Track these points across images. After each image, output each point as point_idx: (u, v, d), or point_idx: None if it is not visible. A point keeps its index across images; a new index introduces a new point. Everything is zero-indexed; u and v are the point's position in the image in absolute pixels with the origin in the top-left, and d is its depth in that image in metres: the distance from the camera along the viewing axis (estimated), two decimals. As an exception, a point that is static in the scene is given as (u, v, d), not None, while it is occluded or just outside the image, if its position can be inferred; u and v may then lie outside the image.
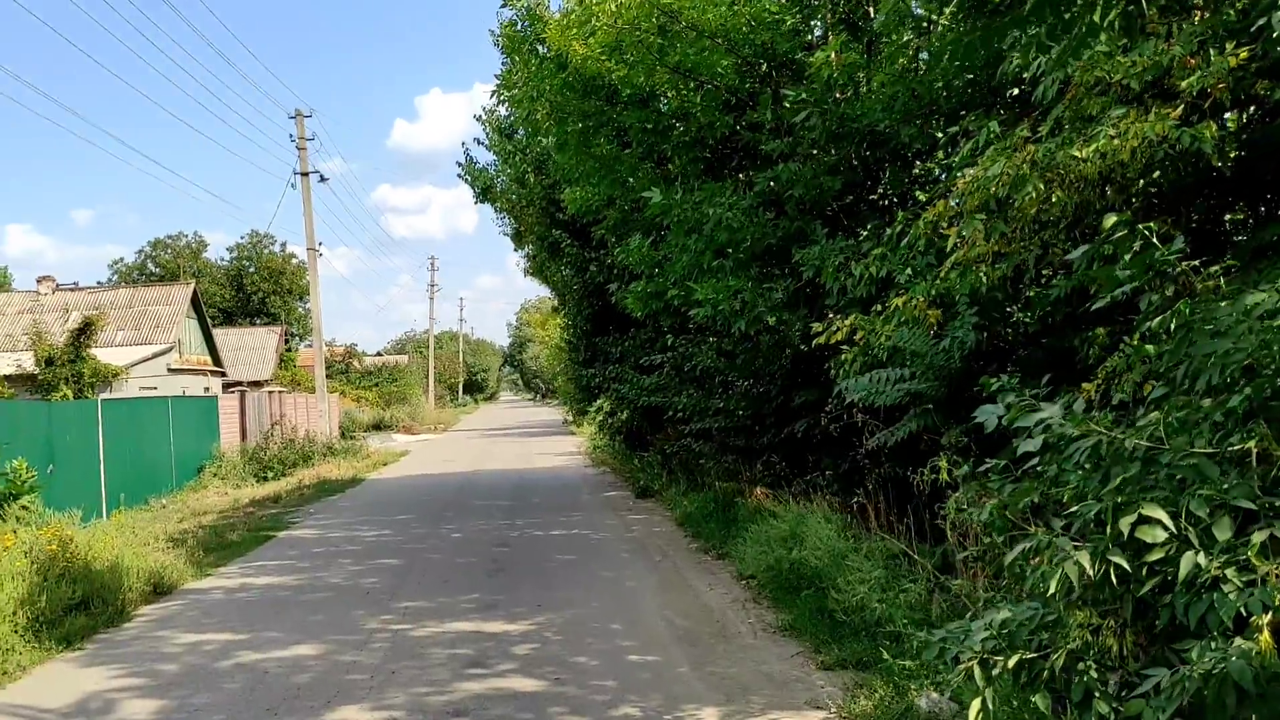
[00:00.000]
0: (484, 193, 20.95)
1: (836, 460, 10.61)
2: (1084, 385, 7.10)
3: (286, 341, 61.38)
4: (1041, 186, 6.54)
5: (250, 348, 58.26)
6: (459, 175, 21.75)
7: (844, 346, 9.57)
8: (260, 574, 12.40)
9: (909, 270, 9.05)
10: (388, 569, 12.32)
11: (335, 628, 9.28)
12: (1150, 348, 6.46)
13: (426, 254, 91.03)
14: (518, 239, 25.25)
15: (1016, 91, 9.17)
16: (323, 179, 35.11)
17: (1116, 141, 6.15)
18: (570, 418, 49.77)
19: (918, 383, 7.78)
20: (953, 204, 7.22)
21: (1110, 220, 5.23)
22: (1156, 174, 6.72)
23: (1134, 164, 6.38)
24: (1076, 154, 6.38)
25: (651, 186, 10.88)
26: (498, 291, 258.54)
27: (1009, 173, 6.61)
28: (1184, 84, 6.57)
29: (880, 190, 11.22)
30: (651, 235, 13.64)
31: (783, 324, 10.26)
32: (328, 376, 66.59)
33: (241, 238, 73.96)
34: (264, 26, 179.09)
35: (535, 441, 39.19)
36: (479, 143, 19.46)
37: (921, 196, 12.20)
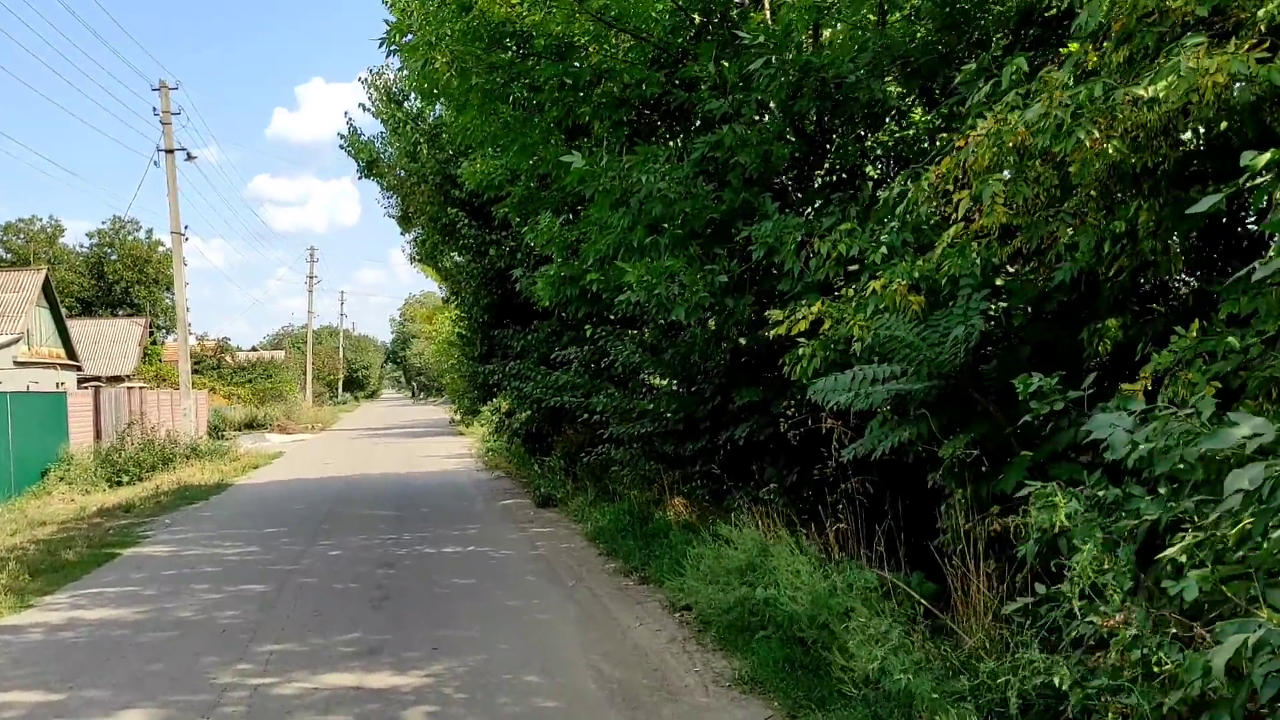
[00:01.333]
0: (369, 167, 18.84)
1: (783, 471, 9.19)
2: (1123, 386, 5.83)
3: (151, 334, 57.41)
4: (1096, 133, 5.18)
5: (111, 340, 54.27)
6: (340, 146, 19.69)
7: (801, 340, 8.18)
8: (95, 605, 10.34)
9: (882, 249, 7.68)
10: (251, 598, 10.41)
11: (178, 683, 7.41)
12: (1233, 339, 5.20)
13: (306, 247, 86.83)
14: (405, 221, 23.19)
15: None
16: (190, 157, 32.17)
17: (1197, 77, 4.81)
18: (458, 417, 47.60)
19: (909, 381, 6.37)
20: (970, 153, 5.82)
21: (1260, 158, 3.90)
22: (1224, 124, 5.45)
23: (1202, 108, 5.08)
24: (1141, 93, 5.04)
25: (571, 151, 9.25)
26: (380, 286, 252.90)
27: (1056, 115, 5.23)
28: (1260, 13, 5.32)
29: (833, 161, 9.85)
30: (564, 214, 12.06)
31: (727, 312, 8.77)
32: (197, 372, 62.99)
33: (103, 223, 69.36)
34: (134, 5, 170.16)
35: (421, 442, 37.02)
36: (364, 109, 17.44)
37: (872, 173, 10.94)
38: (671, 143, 10.32)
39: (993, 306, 6.62)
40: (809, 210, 9.52)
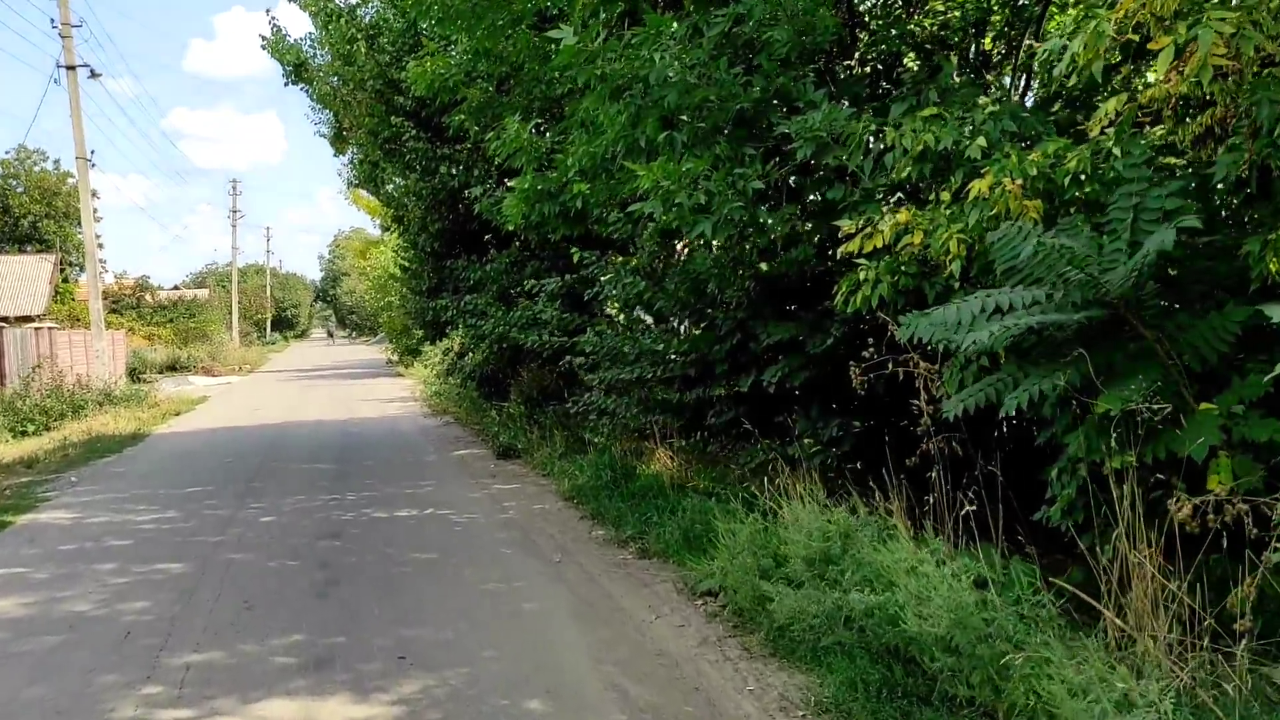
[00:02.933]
0: (296, 72, 16.48)
1: (838, 427, 7.50)
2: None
3: (63, 271, 53.88)
4: None
5: (18, 278, 50.66)
6: (261, 47, 17.18)
7: (862, 262, 6.46)
8: (-33, 595, 8.39)
9: (979, 141, 5.95)
10: (166, 582, 8.51)
11: (63, 717, 5.58)
12: None
13: (229, 181, 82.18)
14: (339, 141, 20.79)
15: None
16: (94, 74, 29.10)
17: None
18: (396, 358, 45.32)
19: (1057, 310, 4.69)
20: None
21: None
22: None
23: None
24: None
25: (559, 25, 7.32)
26: (308, 225, 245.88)
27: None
28: None
29: (866, 50, 8.09)
30: (533, 120, 10.12)
31: (759, 228, 6.99)
32: (115, 311, 59.47)
33: (6, 153, 64.61)
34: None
35: (358, 385, 34.82)
36: (291, -1, 14.98)
37: (912, 63, 9.15)
38: (676, 25, 8.41)
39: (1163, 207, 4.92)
40: (845, 103, 7.75)
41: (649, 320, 9.33)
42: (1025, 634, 4.21)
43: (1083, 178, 5.43)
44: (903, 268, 6.21)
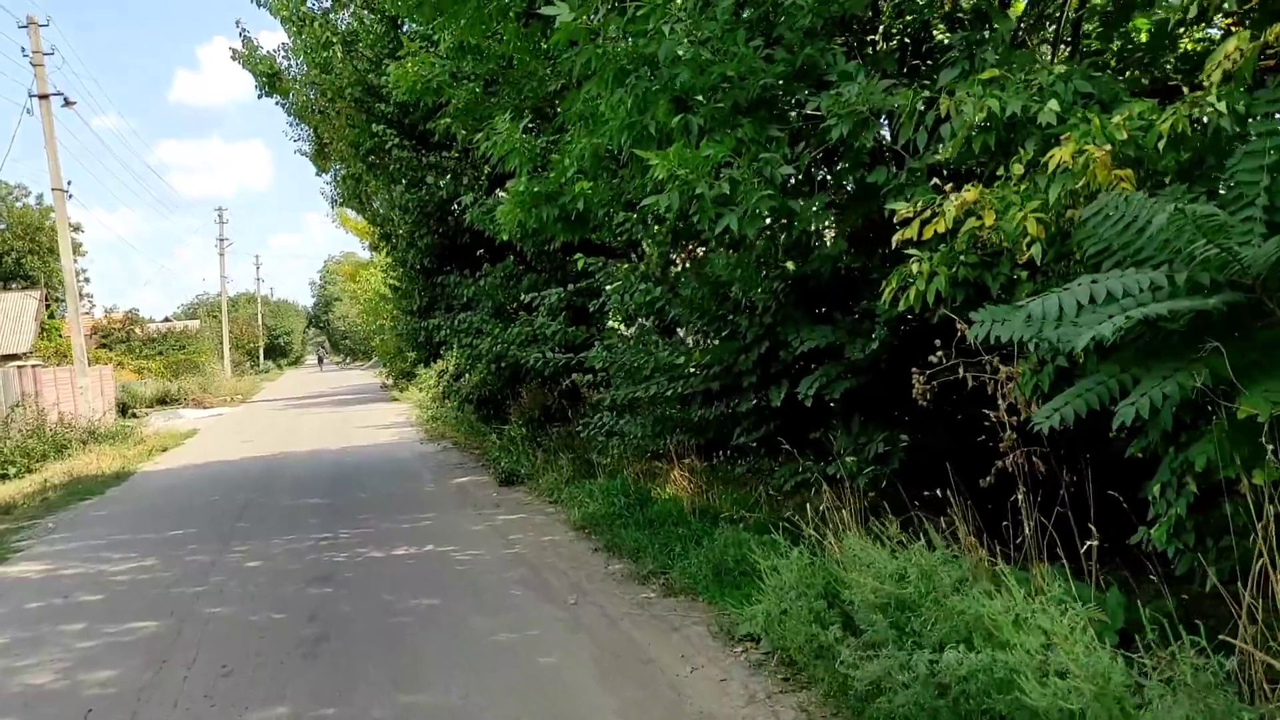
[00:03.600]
0: (270, 83, 15.60)
1: (872, 439, 6.64)
2: None
3: (49, 307, 52.95)
4: None
5: (2, 315, 49.80)
6: (233, 58, 16.29)
7: (913, 252, 5.61)
8: (-83, 667, 7.49)
9: (1051, 104, 5.12)
10: (137, 645, 7.62)
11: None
12: None
13: (223, 219, 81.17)
14: (321, 157, 19.90)
15: None
16: (68, 102, 28.32)
17: None
18: (390, 381, 44.38)
19: (1192, 296, 3.84)
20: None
21: None
22: None
23: None
24: None
25: (553, 2, 6.49)
26: (297, 250, 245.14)
27: None
28: None
29: (890, 22, 7.27)
30: (524, 118, 9.30)
31: (792, 219, 6.14)
32: (106, 346, 58.58)
33: (-12, 190, 63.66)
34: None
35: (352, 412, 33.89)
36: (259, 4, 14.21)
37: (943, 37, 8.33)
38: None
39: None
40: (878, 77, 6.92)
41: (654, 333, 8.51)
42: (1189, 710, 3.32)
43: (1180, 141, 4.60)
44: (961, 257, 5.37)
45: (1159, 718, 3.30)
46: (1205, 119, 4.58)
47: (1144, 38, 6.45)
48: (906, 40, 7.89)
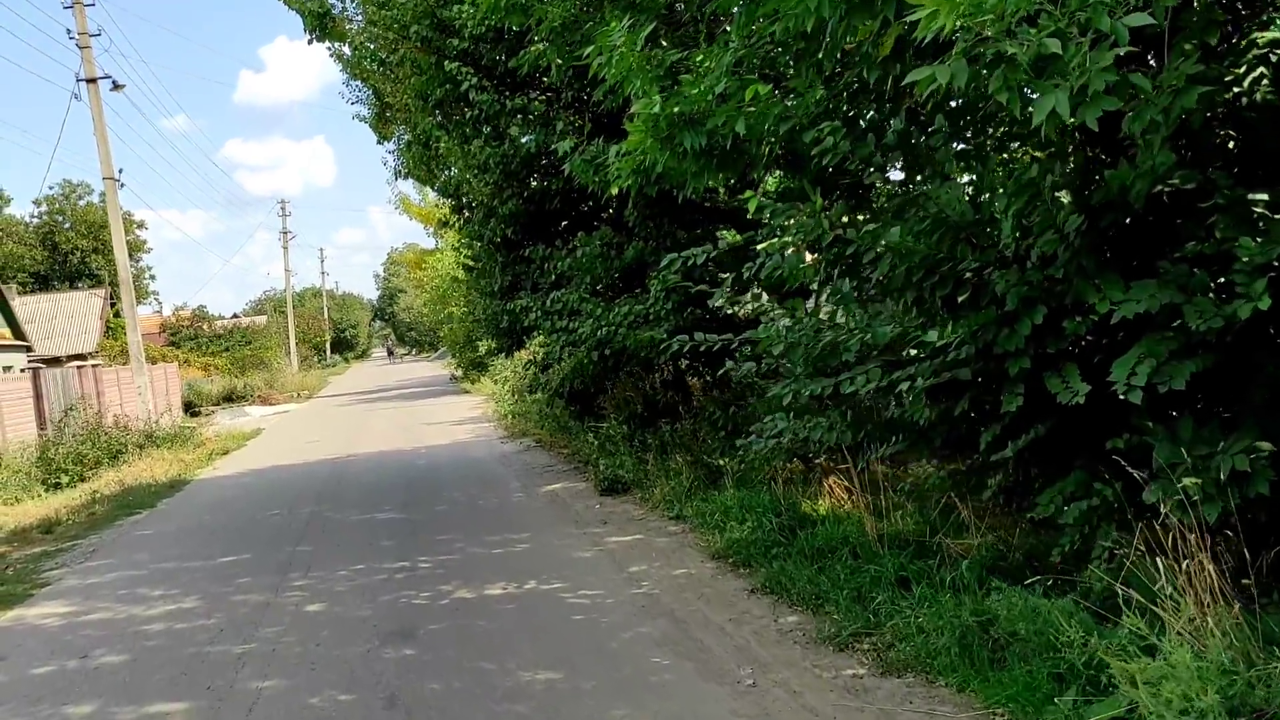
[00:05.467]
0: (319, 24, 13.46)
1: (1228, 450, 4.30)
2: None
3: (114, 305, 52.13)
4: None
5: (69, 315, 49.10)
6: None
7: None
8: None
9: None
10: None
11: None
12: None
13: (286, 213, 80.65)
14: (382, 123, 17.86)
15: None
16: (116, 86, 26.83)
17: None
18: (459, 373, 42.57)
19: None
20: None
21: None
22: None
23: None
24: None
25: None
26: (361, 245, 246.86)
27: None
28: None
29: None
30: (647, 26, 7.07)
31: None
32: (174, 344, 57.85)
33: (51, 188, 63.33)
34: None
35: (421, 406, 32.04)
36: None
37: None
38: None
39: None
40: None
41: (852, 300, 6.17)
42: None
43: None
44: None
45: None
46: None
47: None
48: None
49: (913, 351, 5.27)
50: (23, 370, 29.13)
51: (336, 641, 7.16)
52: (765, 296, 7.52)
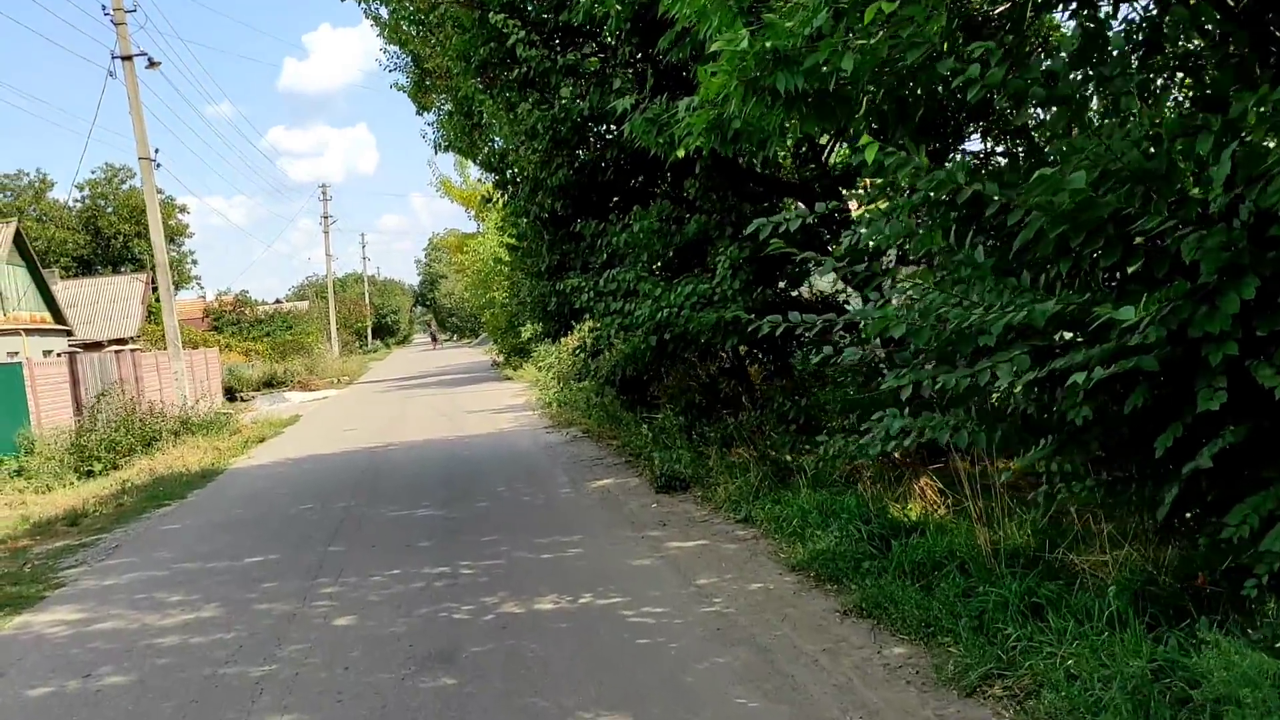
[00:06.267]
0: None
1: None
2: None
3: (156, 289, 51.92)
4: None
5: (111, 300, 48.91)
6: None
7: None
8: None
9: None
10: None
11: None
12: None
13: (327, 197, 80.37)
14: (420, 91, 16.94)
15: None
16: (152, 63, 26.17)
17: None
18: (500, 359, 41.76)
19: None
20: None
21: None
22: None
23: None
24: None
25: None
26: (402, 231, 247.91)
27: None
28: None
29: None
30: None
31: None
32: (217, 329, 57.62)
33: (93, 172, 63.34)
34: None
35: (462, 393, 31.26)
36: None
37: None
38: None
39: None
40: None
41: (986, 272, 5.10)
42: None
43: None
44: None
45: None
46: None
47: None
48: None
49: (1068, 335, 4.24)
50: (59, 354, 28.71)
51: (367, 665, 6.26)
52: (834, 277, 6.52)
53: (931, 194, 4.50)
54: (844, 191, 10.66)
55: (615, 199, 11.71)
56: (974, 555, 6.21)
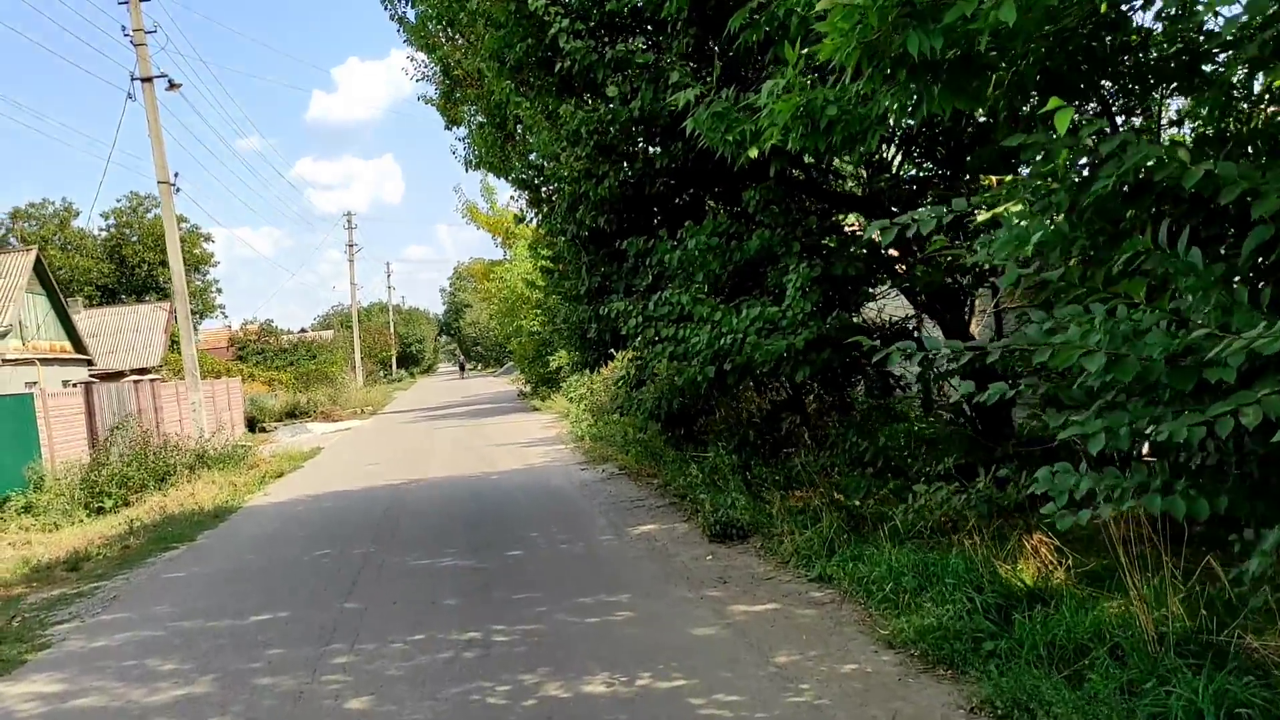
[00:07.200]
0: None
1: None
2: None
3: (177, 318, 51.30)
4: None
5: (133, 329, 48.32)
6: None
7: None
8: None
9: None
10: None
11: None
12: None
13: (352, 225, 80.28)
14: (449, 103, 15.93)
15: None
16: (172, 85, 25.47)
17: None
18: (527, 389, 40.66)
19: None
20: None
21: None
22: None
23: None
24: None
25: None
26: (427, 261, 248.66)
27: None
28: None
29: None
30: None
31: None
32: (241, 358, 56.99)
33: (118, 200, 63.12)
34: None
35: (489, 424, 30.15)
36: None
37: None
38: None
39: None
40: None
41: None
42: None
43: None
44: None
45: None
46: None
47: None
48: None
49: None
50: (74, 385, 27.88)
51: (384, 769, 5.12)
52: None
53: (1128, 181, 3.36)
54: (921, 204, 9.56)
55: (659, 215, 10.64)
56: (1132, 639, 5.01)
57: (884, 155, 10.41)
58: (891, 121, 5.27)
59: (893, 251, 10.17)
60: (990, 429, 8.98)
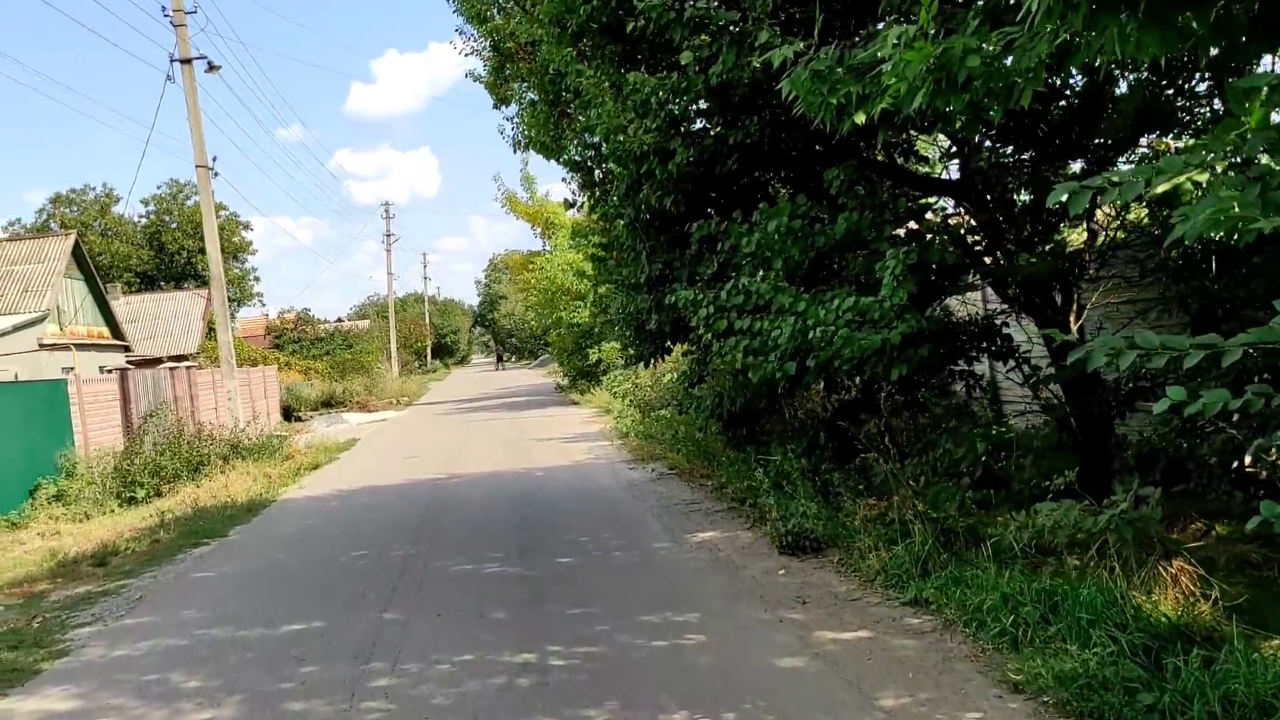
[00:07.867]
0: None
1: None
2: None
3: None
4: None
5: (171, 316, 48.20)
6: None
7: None
8: None
9: None
10: None
11: None
12: None
13: (390, 214, 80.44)
14: (499, 81, 15.18)
15: None
16: (212, 67, 24.99)
17: None
18: (565, 382, 39.91)
19: None
20: None
21: None
22: None
23: None
24: None
25: None
26: (463, 252, 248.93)
27: None
28: None
29: None
30: None
31: None
32: (278, 346, 56.77)
33: (158, 187, 63.11)
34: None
35: (528, 418, 29.41)
36: None
37: None
38: None
39: None
40: None
41: None
42: None
43: None
44: None
45: None
46: None
47: None
48: None
49: None
50: (110, 371, 27.51)
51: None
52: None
53: None
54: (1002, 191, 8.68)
55: (723, 198, 9.81)
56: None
57: (975, 137, 9.53)
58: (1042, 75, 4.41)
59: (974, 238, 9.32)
60: (1093, 440, 8.09)
